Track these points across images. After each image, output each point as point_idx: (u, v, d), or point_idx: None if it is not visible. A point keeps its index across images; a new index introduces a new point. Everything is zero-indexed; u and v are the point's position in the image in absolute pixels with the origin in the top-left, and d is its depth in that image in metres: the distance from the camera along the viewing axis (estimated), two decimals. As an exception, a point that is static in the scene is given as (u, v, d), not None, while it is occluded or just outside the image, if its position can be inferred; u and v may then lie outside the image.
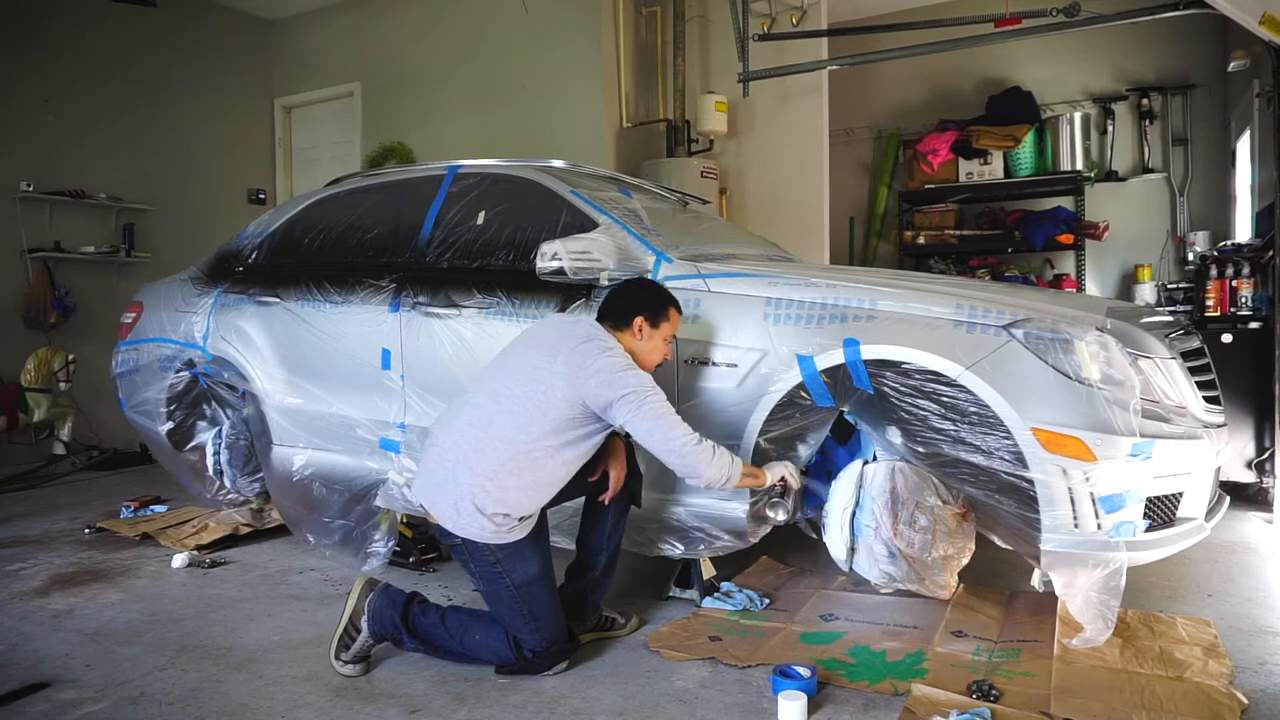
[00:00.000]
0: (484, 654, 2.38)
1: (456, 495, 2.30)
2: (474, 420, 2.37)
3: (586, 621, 2.61)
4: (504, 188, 3.39)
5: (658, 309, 2.52)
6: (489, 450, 2.31)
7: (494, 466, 2.29)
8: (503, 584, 2.33)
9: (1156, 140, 6.10)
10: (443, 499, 2.33)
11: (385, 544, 3.31)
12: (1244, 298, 4.32)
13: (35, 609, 2.98)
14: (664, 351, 2.54)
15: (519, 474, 2.30)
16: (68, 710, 2.22)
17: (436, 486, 2.36)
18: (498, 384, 2.40)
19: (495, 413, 2.35)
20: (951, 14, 5.27)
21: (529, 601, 2.34)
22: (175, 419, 4.02)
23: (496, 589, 2.34)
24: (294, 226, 3.90)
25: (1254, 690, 2.20)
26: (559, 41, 5.93)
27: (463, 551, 2.37)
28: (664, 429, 2.31)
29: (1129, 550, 2.34)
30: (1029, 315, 2.44)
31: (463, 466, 2.31)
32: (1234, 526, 3.76)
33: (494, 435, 2.32)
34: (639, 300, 2.53)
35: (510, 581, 2.33)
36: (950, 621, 2.65)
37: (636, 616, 2.74)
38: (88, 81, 6.23)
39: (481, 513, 2.28)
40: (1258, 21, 3.46)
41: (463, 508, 2.29)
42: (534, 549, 2.38)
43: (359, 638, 2.39)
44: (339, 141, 7.23)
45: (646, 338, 2.49)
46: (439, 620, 2.40)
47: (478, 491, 2.28)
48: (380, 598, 2.42)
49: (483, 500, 2.28)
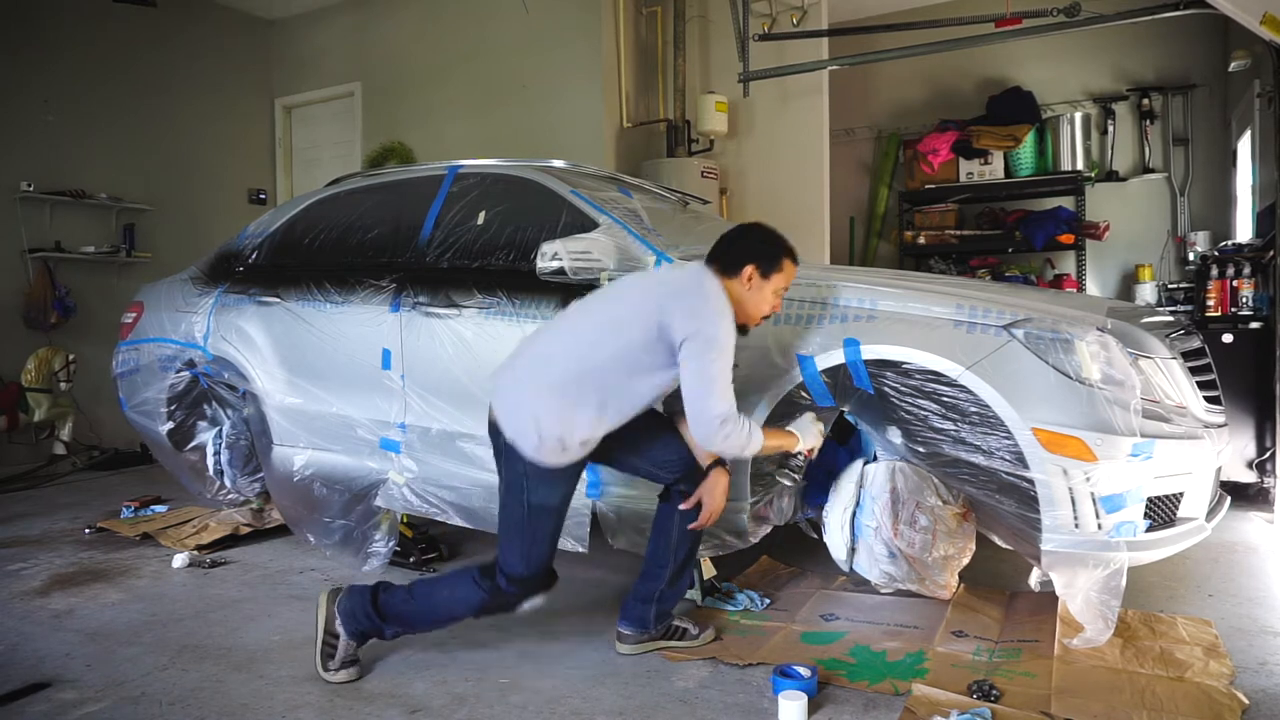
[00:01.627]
0: (458, 608, 2.38)
1: (519, 404, 2.28)
2: (553, 337, 2.37)
3: (653, 630, 2.54)
4: (504, 188, 3.39)
5: (772, 259, 2.37)
6: (559, 362, 2.28)
7: (561, 380, 2.25)
8: (521, 498, 2.28)
9: (1157, 140, 6.10)
10: (509, 402, 2.31)
11: (385, 544, 3.31)
12: (1245, 298, 4.32)
13: (36, 609, 2.98)
14: (773, 304, 2.40)
15: (585, 394, 2.24)
16: (68, 710, 2.22)
17: (507, 389, 2.33)
18: (580, 314, 2.38)
19: (576, 329, 2.34)
20: (951, 14, 5.26)
21: (534, 525, 2.29)
22: (176, 419, 4.02)
23: (512, 501, 2.30)
24: (294, 226, 3.90)
25: (1255, 690, 2.20)
26: (559, 41, 5.93)
27: (502, 453, 2.32)
28: (707, 389, 2.20)
29: (1129, 550, 2.34)
30: (1029, 315, 2.44)
31: (532, 380, 2.29)
32: (1235, 526, 3.76)
33: (568, 349, 2.30)
34: (752, 248, 2.38)
35: (528, 499, 2.28)
36: (950, 621, 2.65)
37: (713, 628, 2.60)
38: (88, 81, 6.23)
39: (538, 428, 2.22)
40: (1258, 21, 3.46)
41: (522, 415, 2.25)
42: (564, 481, 2.32)
43: (339, 644, 2.37)
44: (339, 141, 7.23)
45: (755, 288, 2.35)
46: (406, 595, 2.38)
47: (542, 409, 2.24)
48: (347, 599, 2.40)
49: (545, 419, 2.23)
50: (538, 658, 2.51)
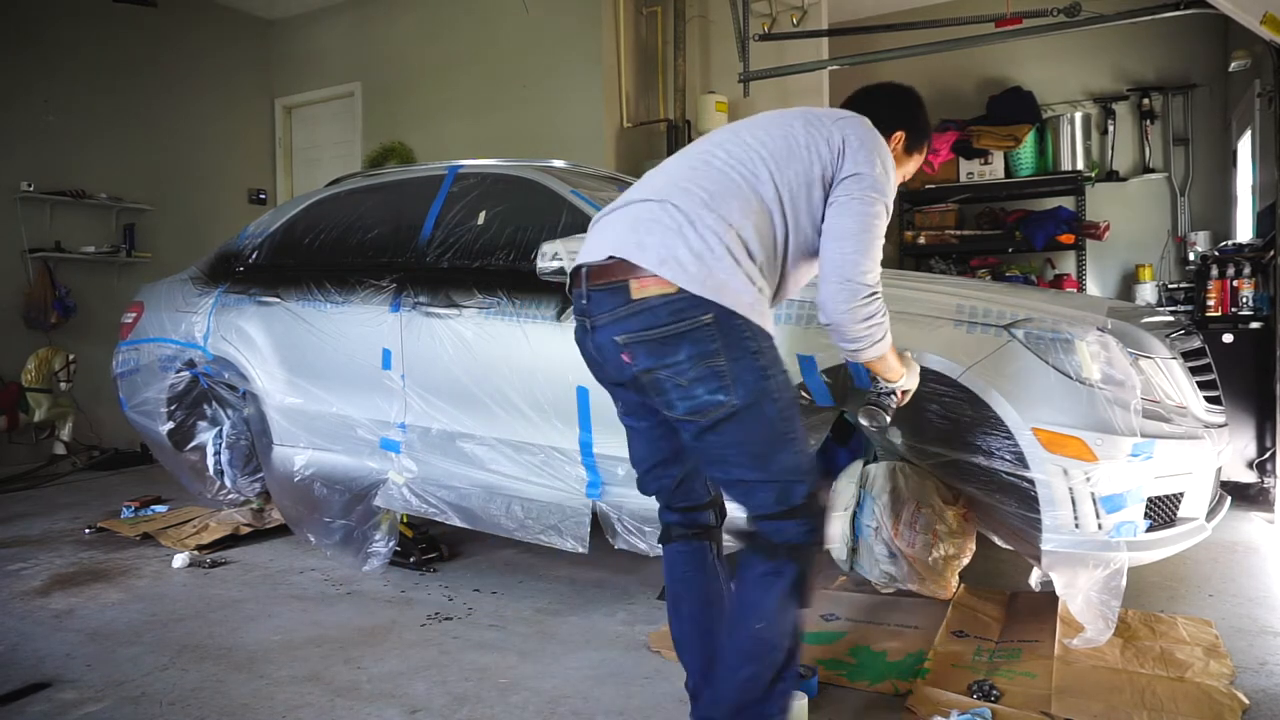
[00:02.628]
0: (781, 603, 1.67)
1: (699, 236, 1.66)
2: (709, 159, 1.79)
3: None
4: (504, 188, 3.39)
5: (921, 132, 2.03)
6: (735, 193, 1.72)
7: (741, 212, 1.71)
8: (768, 388, 1.65)
9: (1157, 140, 6.10)
10: (674, 242, 1.65)
11: (386, 544, 3.32)
12: (1245, 298, 4.32)
13: (36, 609, 2.98)
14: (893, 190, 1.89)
15: (762, 233, 1.72)
16: (68, 710, 2.22)
17: (658, 229, 1.68)
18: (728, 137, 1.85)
19: (736, 155, 1.78)
20: (951, 14, 5.26)
21: (795, 417, 1.70)
22: (176, 419, 4.02)
23: (759, 401, 1.64)
24: (294, 226, 3.90)
25: (1255, 690, 2.20)
26: (559, 41, 5.93)
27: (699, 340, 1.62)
28: (868, 243, 1.74)
29: (1130, 550, 2.34)
30: (1030, 315, 2.44)
31: (703, 207, 1.69)
32: (1235, 526, 3.76)
33: (740, 177, 1.75)
34: (907, 112, 2.01)
35: (777, 384, 1.67)
36: (951, 621, 2.65)
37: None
38: (88, 82, 6.23)
39: (738, 262, 1.66)
40: (1258, 21, 3.46)
41: (715, 250, 1.65)
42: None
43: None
44: (339, 141, 7.23)
45: (897, 161, 1.97)
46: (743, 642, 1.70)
47: (729, 235, 1.67)
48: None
49: (737, 247, 1.67)
50: (538, 658, 2.51)
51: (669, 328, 1.63)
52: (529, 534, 3.03)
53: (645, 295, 1.65)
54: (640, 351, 1.67)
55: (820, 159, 1.78)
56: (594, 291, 1.74)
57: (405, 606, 2.97)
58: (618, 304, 1.68)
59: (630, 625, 2.76)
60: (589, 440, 2.88)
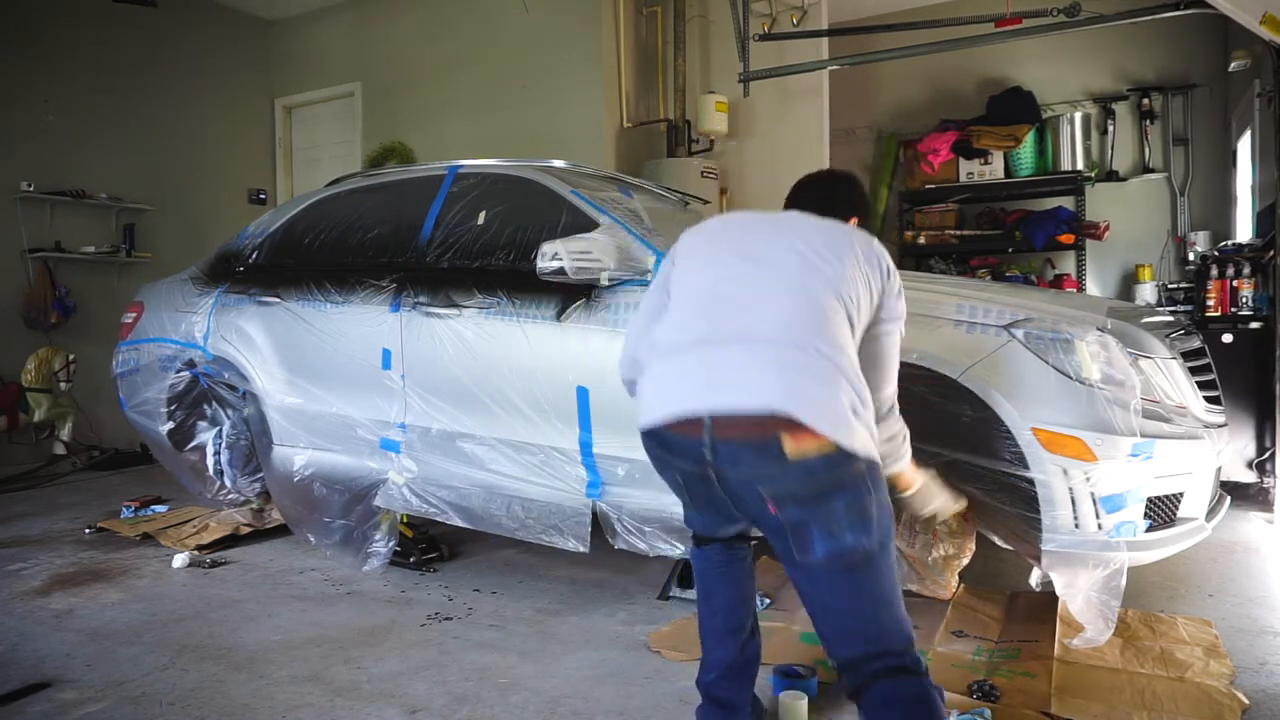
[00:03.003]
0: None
1: (850, 387, 1.61)
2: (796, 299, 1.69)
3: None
4: (504, 188, 3.39)
5: (868, 215, 2.07)
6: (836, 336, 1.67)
7: (849, 359, 1.67)
8: (890, 529, 1.65)
9: (1157, 140, 6.10)
10: (828, 395, 1.58)
11: (386, 544, 3.32)
12: (1245, 298, 4.32)
13: (36, 609, 2.98)
14: None
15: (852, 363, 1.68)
16: (68, 710, 2.22)
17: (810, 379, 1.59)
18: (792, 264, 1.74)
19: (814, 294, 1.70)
20: (951, 14, 5.26)
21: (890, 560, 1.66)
22: (176, 419, 4.02)
23: (886, 543, 1.63)
24: (294, 226, 3.90)
25: (1255, 690, 2.20)
26: (559, 41, 5.93)
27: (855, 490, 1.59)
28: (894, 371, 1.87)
29: (1129, 550, 2.34)
30: (1029, 315, 2.44)
31: (839, 352, 1.64)
32: (1235, 526, 3.76)
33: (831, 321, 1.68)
34: (855, 198, 2.06)
35: (886, 532, 1.64)
36: (951, 621, 2.65)
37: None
38: (88, 82, 6.23)
39: (867, 406, 1.64)
40: (1258, 21, 3.46)
41: (863, 398, 1.62)
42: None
43: None
44: (339, 141, 7.23)
45: None
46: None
47: (859, 381, 1.65)
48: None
49: (863, 389, 1.65)
50: (538, 658, 2.51)
51: (826, 481, 1.57)
52: (530, 534, 3.03)
53: (803, 453, 1.55)
54: (791, 506, 1.59)
55: (871, 289, 1.80)
56: (726, 444, 1.59)
57: (405, 606, 2.97)
58: (766, 460, 1.57)
59: (630, 625, 2.76)
60: (589, 440, 2.89)
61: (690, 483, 1.73)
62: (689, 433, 1.62)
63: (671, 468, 1.75)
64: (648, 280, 2.86)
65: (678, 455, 1.69)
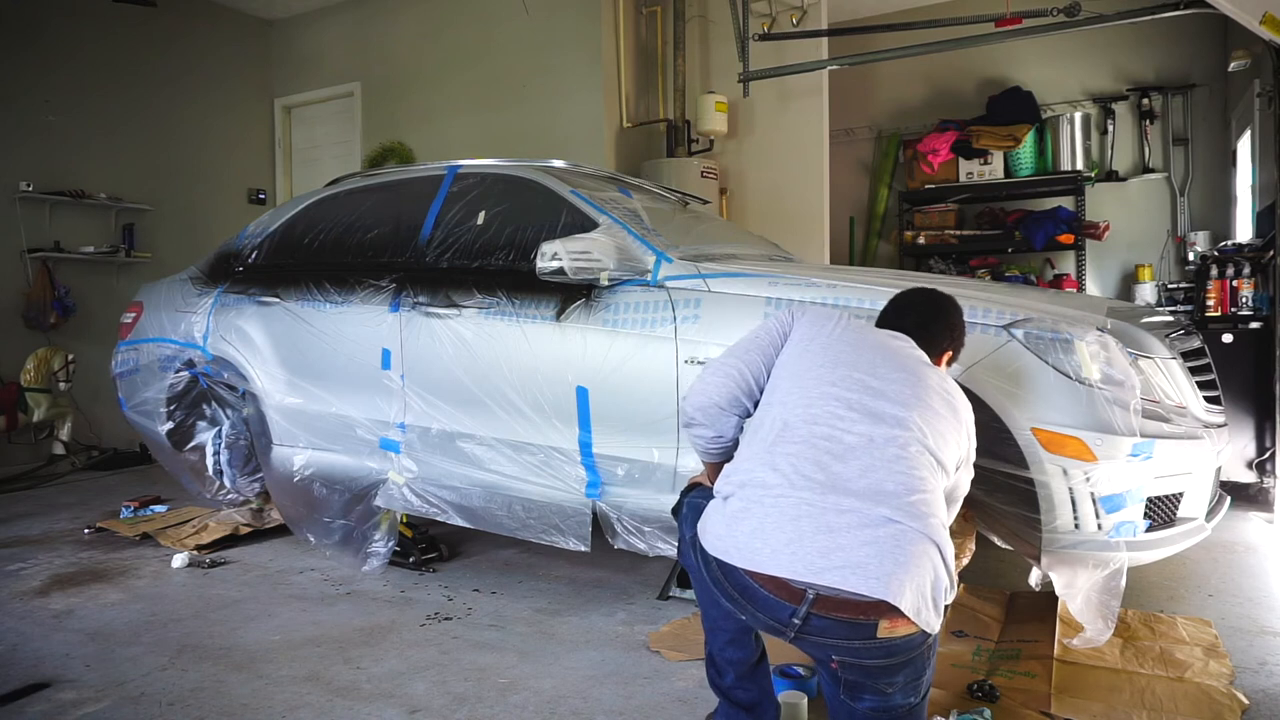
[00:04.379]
0: None
1: (946, 571, 1.60)
2: (901, 456, 1.65)
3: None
4: (504, 188, 3.39)
5: (961, 344, 2.06)
6: (933, 501, 1.64)
7: (945, 533, 1.63)
8: (928, 691, 1.70)
9: (1157, 140, 6.10)
10: (926, 584, 1.55)
11: (385, 544, 3.32)
12: (1244, 298, 4.32)
13: (35, 609, 2.98)
14: None
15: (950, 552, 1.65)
16: (68, 710, 2.22)
17: (914, 566, 1.53)
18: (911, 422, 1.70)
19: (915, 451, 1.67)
20: (951, 14, 5.26)
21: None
22: (175, 419, 4.02)
23: (917, 704, 1.67)
24: (294, 226, 3.90)
25: (1254, 690, 2.20)
26: (559, 41, 5.93)
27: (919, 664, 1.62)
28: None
29: (1129, 550, 2.34)
30: (1029, 315, 2.44)
31: (940, 529, 1.61)
32: (1234, 526, 3.76)
33: (935, 490, 1.66)
34: (956, 329, 2.03)
35: (929, 685, 1.71)
36: (950, 622, 2.65)
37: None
38: (88, 82, 6.22)
39: (946, 593, 1.61)
40: (1258, 21, 3.46)
41: (937, 588, 1.58)
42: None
43: None
44: (339, 141, 7.23)
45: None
46: None
47: (941, 564, 1.59)
48: None
49: (946, 581, 1.60)
50: (537, 658, 2.51)
51: (901, 659, 1.59)
52: (530, 533, 3.03)
53: (893, 636, 1.55)
54: (858, 672, 1.60)
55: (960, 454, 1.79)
56: (820, 618, 1.55)
57: (405, 606, 2.97)
58: (855, 637, 1.55)
59: (630, 625, 2.76)
60: (589, 440, 2.88)
61: (754, 622, 1.66)
62: (782, 595, 1.57)
63: (736, 605, 1.66)
64: (647, 280, 2.85)
65: (755, 606, 1.62)
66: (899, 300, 2.07)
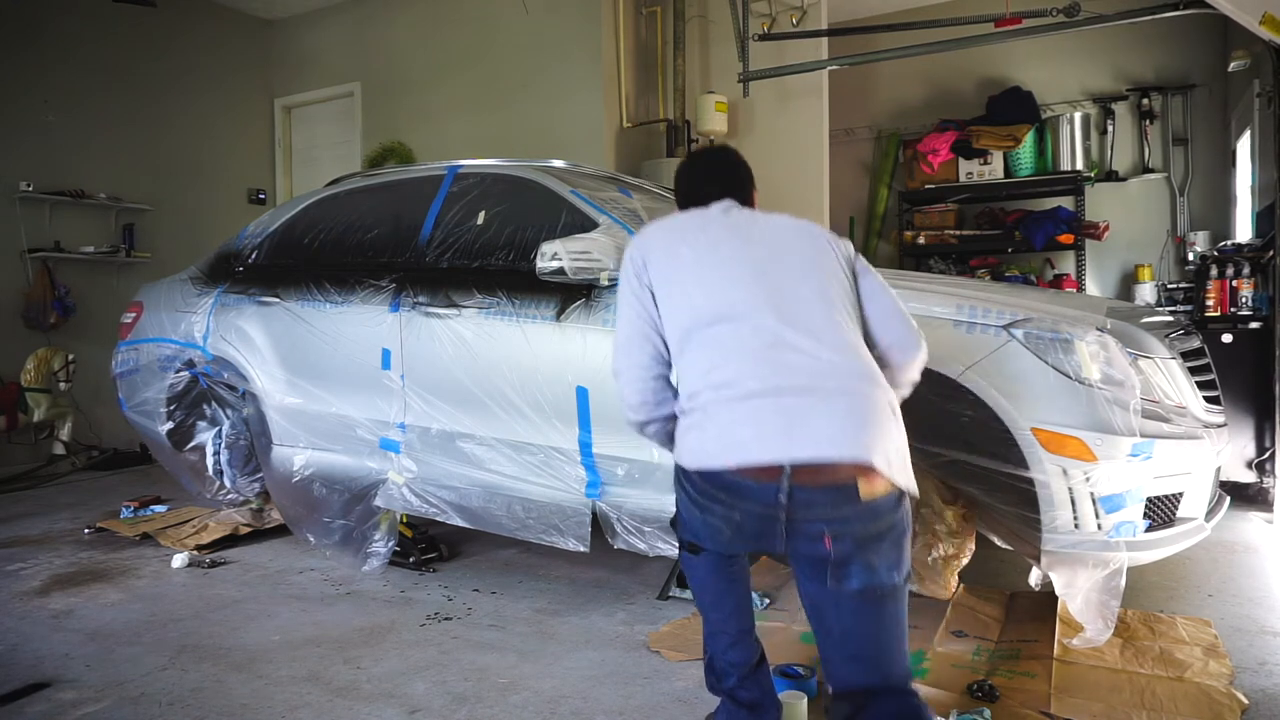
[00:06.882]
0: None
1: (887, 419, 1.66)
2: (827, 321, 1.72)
3: None
4: (504, 188, 3.39)
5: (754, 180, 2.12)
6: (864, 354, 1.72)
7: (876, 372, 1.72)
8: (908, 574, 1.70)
9: (1156, 140, 6.10)
10: (890, 437, 1.64)
11: (385, 544, 3.32)
12: (1244, 298, 4.32)
13: (35, 609, 2.98)
14: None
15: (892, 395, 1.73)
16: (68, 710, 2.22)
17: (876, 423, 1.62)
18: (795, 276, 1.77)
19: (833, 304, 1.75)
20: (951, 14, 5.26)
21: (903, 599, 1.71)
22: (175, 419, 4.02)
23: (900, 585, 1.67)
24: (294, 226, 3.90)
25: (1254, 690, 2.20)
26: (559, 41, 5.93)
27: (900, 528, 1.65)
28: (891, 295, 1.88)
29: (1129, 550, 2.34)
30: (1029, 315, 2.44)
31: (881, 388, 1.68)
32: (1234, 526, 3.76)
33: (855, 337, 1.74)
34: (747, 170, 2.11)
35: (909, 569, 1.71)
36: (950, 621, 2.65)
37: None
38: (88, 82, 6.22)
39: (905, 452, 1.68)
40: (1258, 21, 3.46)
41: (901, 449, 1.67)
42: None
43: None
44: (339, 141, 7.23)
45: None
46: None
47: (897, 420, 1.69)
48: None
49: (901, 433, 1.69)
50: (537, 658, 2.51)
51: (885, 521, 1.62)
52: (530, 533, 3.03)
53: (874, 496, 1.60)
54: (848, 542, 1.62)
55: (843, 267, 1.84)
56: (803, 489, 1.61)
57: (405, 606, 2.97)
58: (840, 502, 1.60)
59: (630, 625, 2.76)
60: (589, 440, 2.88)
61: (746, 521, 1.69)
62: (763, 479, 1.62)
63: (725, 507, 1.70)
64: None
65: (743, 498, 1.66)
66: (693, 174, 2.09)
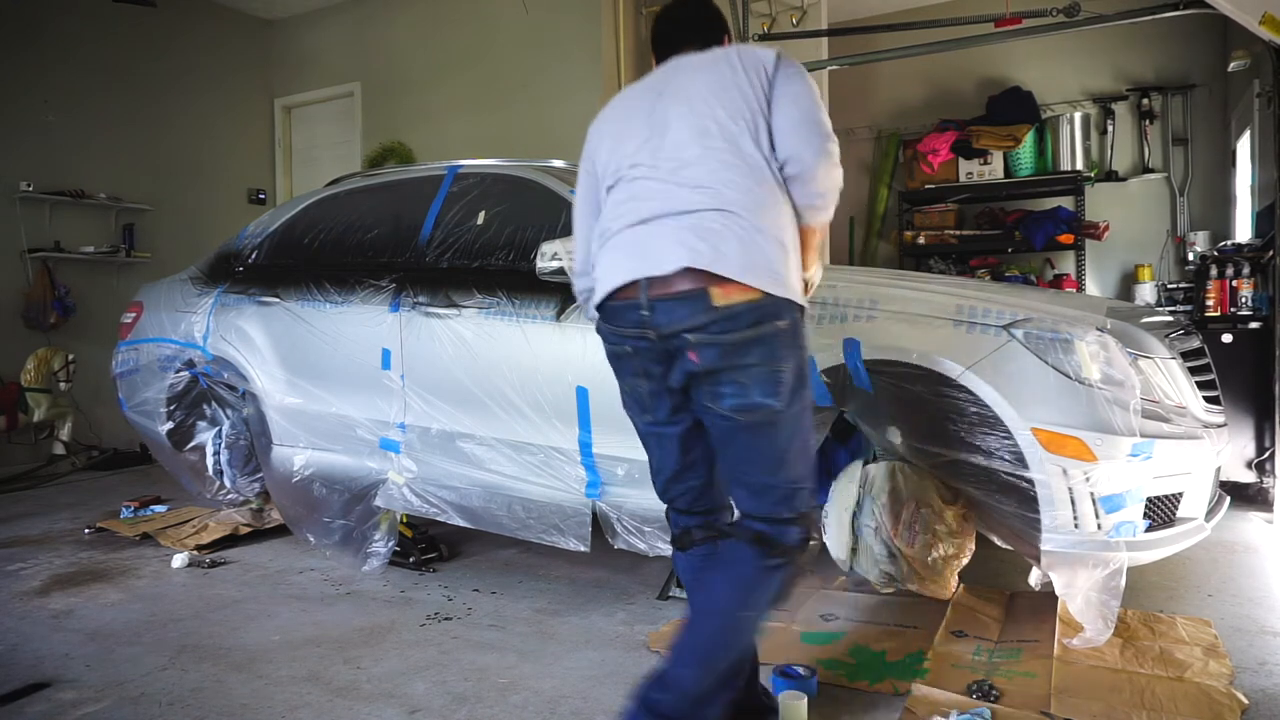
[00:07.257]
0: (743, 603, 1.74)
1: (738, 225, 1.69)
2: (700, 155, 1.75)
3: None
4: (504, 188, 3.39)
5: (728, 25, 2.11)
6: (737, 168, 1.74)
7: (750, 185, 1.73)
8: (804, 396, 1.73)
9: (1156, 140, 6.10)
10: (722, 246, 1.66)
11: (385, 544, 3.31)
12: (1244, 298, 4.32)
13: (35, 609, 2.98)
14: None
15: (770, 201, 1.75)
16: (67, 710, 2.22)
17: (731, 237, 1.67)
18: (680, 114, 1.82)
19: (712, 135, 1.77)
20: (951, 14, 5.26)
21: (812, 425, 1.77)
22: (175, 419, 4.02)
23: (795, 408, 1.71)
24: (294, 226, 3.90)
25: (1254, 690, 2.20)
26: (559, 41, 5.93)
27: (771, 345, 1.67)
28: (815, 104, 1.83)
29: (1129, 550, 2.34)
30: (1029, 315, 2.44)
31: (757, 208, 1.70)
32: (1234, 526, 3.76)
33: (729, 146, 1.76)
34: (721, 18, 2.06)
35: (808, 393, 1.74)
36: (950, 621, 2.65)
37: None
38: (88, 81, 6.23)
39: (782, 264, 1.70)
40: (1258, 21, 3.46)
41: (772, 259, 1.69)
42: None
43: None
44: (339, 141, 7.23)
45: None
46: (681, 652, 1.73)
47: (760, 222, 1.70)
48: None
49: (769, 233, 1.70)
50: (538, 658, 2.51)
51: (748, 332, 1.67)
52: (530, 533, 3.03)
53: (729, 302, 1.66)
54: (711, 352, 1.68)
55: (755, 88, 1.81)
56: (661, 301, 1.70)
57: (405, 606, 2.97)
58: (697, 311, 1.67)
59: (630, 625, 2.76)
60: (589, 440, 2.89)
61: (638, 353, 1.79)
62: (629, 297, 1.74)
63: (618, 343, 1.83)
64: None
65: (622, 324, 1.78)
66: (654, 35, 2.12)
